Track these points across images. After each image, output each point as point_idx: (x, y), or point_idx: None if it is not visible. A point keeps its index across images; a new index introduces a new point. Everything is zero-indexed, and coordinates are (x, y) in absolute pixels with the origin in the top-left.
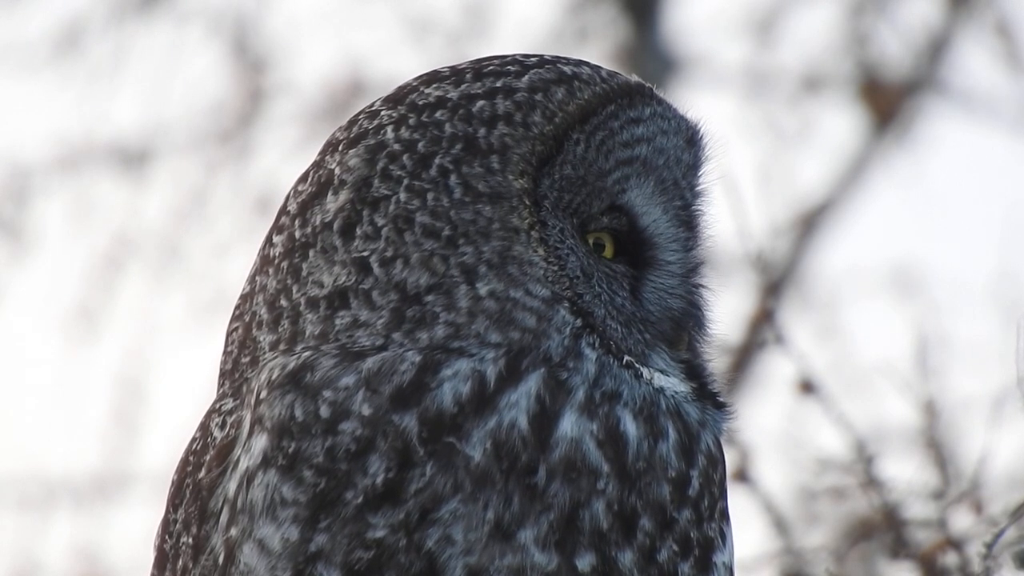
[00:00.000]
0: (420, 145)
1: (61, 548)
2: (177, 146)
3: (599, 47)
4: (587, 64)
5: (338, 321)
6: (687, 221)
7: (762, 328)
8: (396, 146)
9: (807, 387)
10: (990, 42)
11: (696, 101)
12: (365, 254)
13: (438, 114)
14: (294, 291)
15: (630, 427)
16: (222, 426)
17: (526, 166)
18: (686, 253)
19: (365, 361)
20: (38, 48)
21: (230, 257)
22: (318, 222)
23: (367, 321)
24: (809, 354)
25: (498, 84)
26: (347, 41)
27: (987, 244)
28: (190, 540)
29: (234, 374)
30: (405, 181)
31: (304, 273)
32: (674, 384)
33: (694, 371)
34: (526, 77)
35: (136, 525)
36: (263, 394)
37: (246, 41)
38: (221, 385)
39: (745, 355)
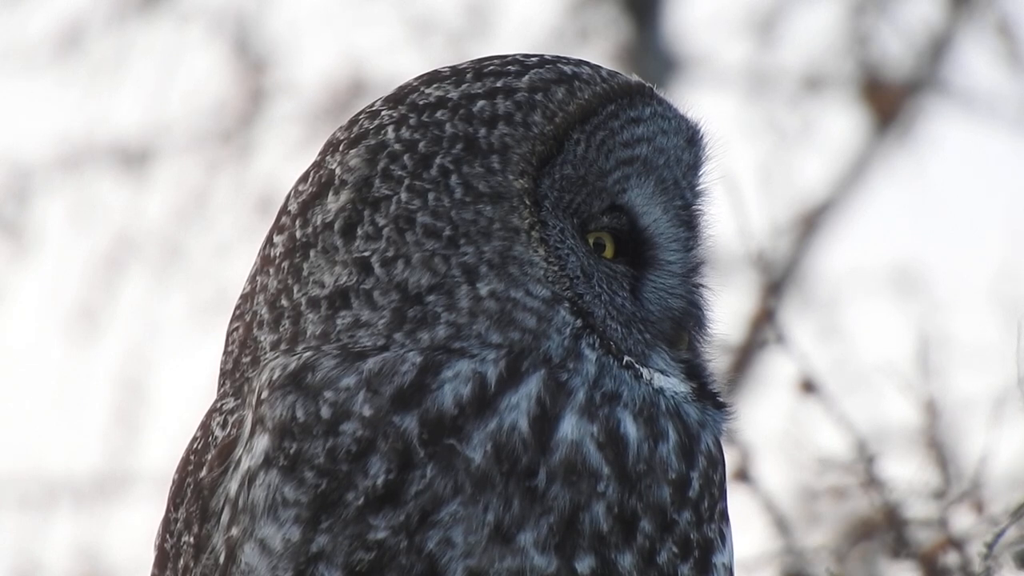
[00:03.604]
0: (421, 145)
1: (61, 548)
2: (178, 146)
3: (600, 47)
4: (587, 64)
5: (339, 321)
6: (687, 221)
7: (763, 328)
8: (397, 146)
9: (808, 387)
10: (991, 42)
11: (697, 101)
12: (366, 254)
13: (439, 114)
14: (295, 291)
15: (630, 429)
16: (223, 425)
17: (526, 166)
18: (686, 253)
19: (366, 362)
20: (39, 48)
21: (231, 257)
22: (319, 222)
23: (369, 321)
24: (810, 354)
25: (499, 84)
26: (348, 41)
27: (988, 244)
28: (191, 539)
29: (235, 374)
30: (406, 181)
31: (305, 273)
32: (674, 384)
33: (694, 371)
34: (526, 77)
35: (137, 525)
36: (264, 394)
37: (247, 41)
38: (222, 385)
39: (746, 355)
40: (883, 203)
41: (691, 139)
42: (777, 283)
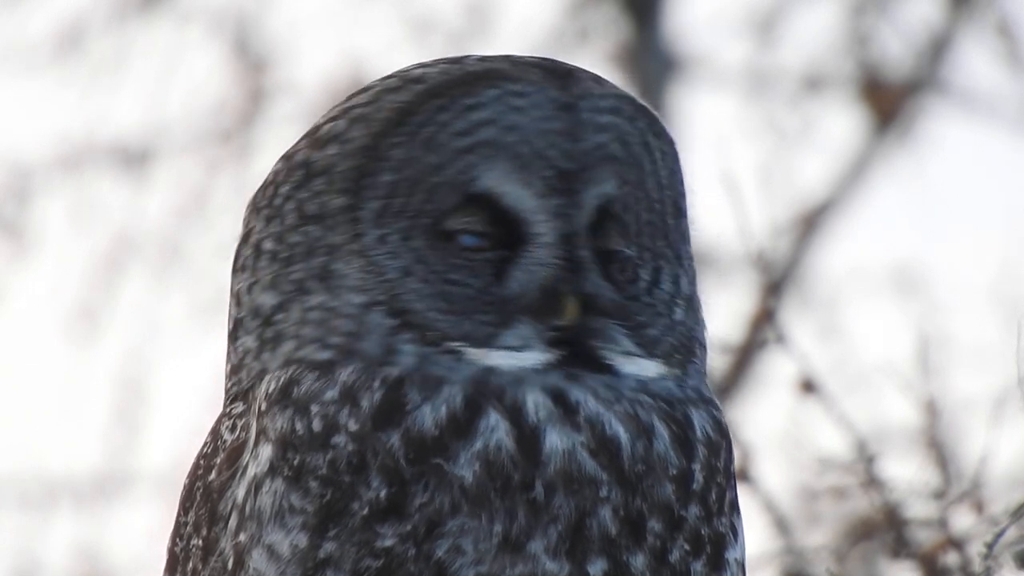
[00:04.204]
0: (278, 175)
1: (61, 548)
2: (178, 146)
3: (599, 47)
4: (444, 62)
5: (240, 349)
6: (560, 188)
7: (763, 328)
8: (267, 178)
9: (808, 387)
10: (991, 42)
11: (696, 101)
12: (239, 285)
13: (301, 142)
14: (228, 320)
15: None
16: (232, 429)
17: (348, 183)
18: (559, 220)
19: (339, 373)
20: (39, 48)
21: (231, 257)
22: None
23: (249, 347)
24: (810, 354)
25: (347, 104)
26: (347, 41)
27: (988, 244)
28: (200, 542)
29: (227, 382)
30: (261, 212)
31: (227, 305)
32: (525, 358)
33: (572, 337)
34: (371, 91)
35: (137, 525)
36: (263, 406)
37: (247, 41)
38: (226, 391)
39: (746, 355)
40: (883, 203)
41: (565, 105)
42: (777, 283)
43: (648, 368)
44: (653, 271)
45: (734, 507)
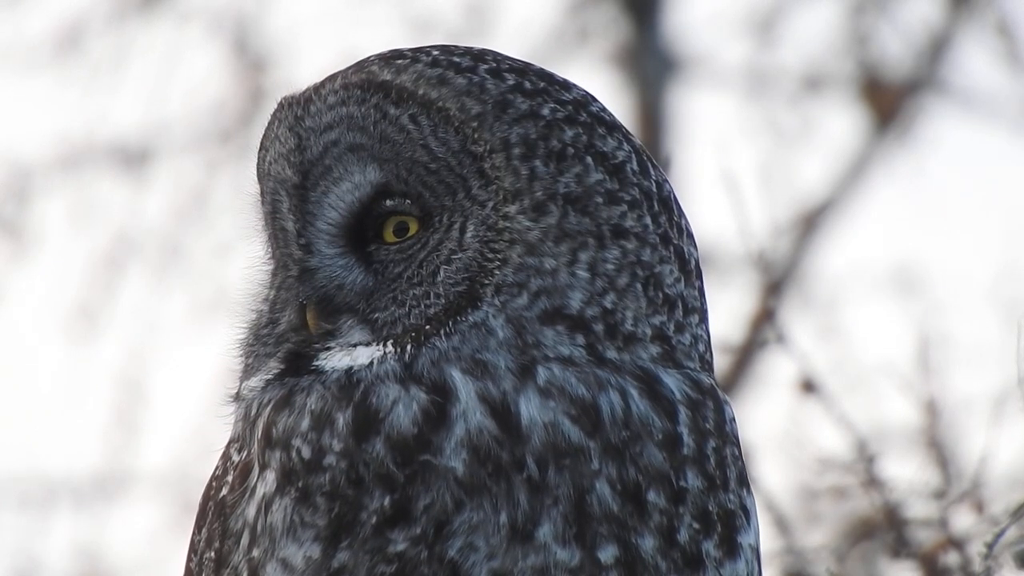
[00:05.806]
0: None
1: (61, 548)
2: (178, 145)
3: (599, 47)
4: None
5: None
6: (295, 204)
7: (763, 327)
8: None
9: (808, 386)
10: (991, 42)
11: (696, 101)
12: None
13: None
14: None
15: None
16: (240, 450)
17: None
18: (276, 252)
19: (297, 398)
20: (39, 47)
21: (231, 257)
22: None
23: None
24: (810, 353)
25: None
26: (348, 41)
27: (988, 243)
28: (212, 554)
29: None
30: None
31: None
32: (358, 356)
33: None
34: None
35: (137, 525)
36: (261, 444)
37: (246, 40)
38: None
39: (746, 354)
40: (883, 203)
41: (294, 122)
42: (777, 283)
43: (362, 356)
44: (459, 228)
45: (743, 482)
